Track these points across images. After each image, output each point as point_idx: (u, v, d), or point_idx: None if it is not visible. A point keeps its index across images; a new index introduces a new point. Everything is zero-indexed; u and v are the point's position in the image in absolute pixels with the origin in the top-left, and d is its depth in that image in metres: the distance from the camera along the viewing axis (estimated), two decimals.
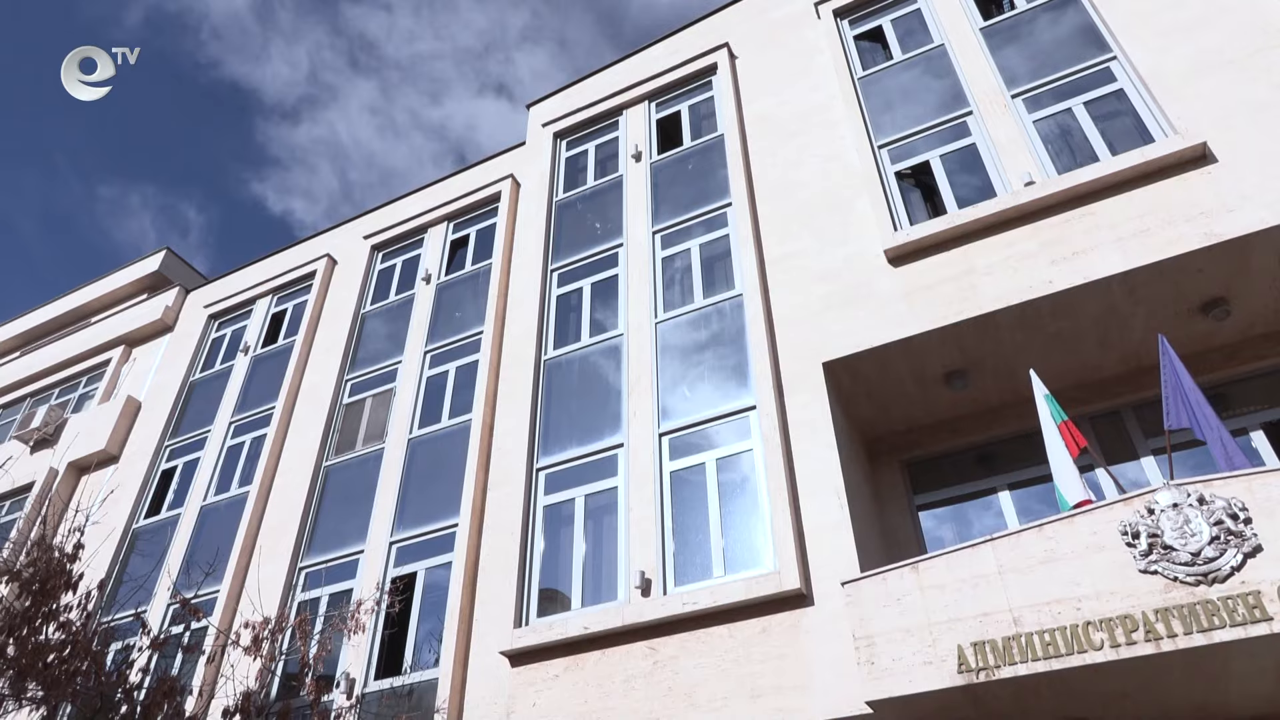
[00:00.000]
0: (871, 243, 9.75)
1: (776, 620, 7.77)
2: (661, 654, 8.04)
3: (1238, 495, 6.15)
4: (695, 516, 8.88)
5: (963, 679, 6.36)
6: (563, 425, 10.49)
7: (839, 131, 11.18)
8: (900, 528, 9.43)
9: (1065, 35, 10.48)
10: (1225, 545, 5.99)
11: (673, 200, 12.06)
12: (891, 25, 12.18)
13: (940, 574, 6.86)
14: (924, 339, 8.88)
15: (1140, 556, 6.20)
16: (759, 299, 9.95)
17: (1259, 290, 8.32)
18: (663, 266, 11.37)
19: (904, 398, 9.56)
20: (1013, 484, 9.30)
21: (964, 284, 8.89)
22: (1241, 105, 8.64)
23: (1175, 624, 5.89)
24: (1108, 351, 8.94)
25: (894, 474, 9.82)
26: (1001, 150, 9.72)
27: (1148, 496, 6.43)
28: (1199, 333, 8.63)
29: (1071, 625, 6.20)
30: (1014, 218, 9.03)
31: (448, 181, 16.11)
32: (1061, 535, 6.58)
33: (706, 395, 9.71)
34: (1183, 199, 8.31)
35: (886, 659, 6.69)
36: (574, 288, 12.00)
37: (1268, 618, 5.66)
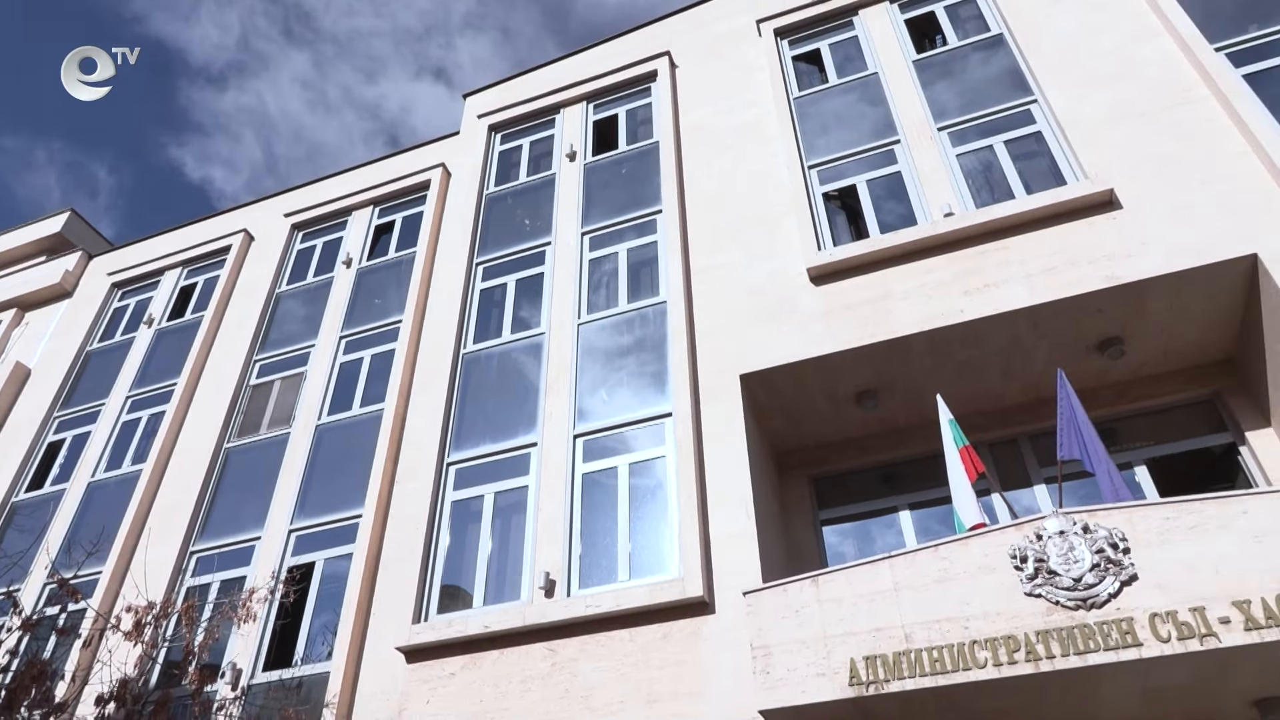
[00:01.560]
0: (795, 260, 9.93)
1: (677, 627, 7.82)
2: (561, 656, 8.00)
3: (1119, 526, 6.45)
4: (604, 520, 8.87)
5: (853, 691, 6.51)
6: (477, 421, 10.36)
7: (772, 148, 11.36)
8: (804, 541, 9.61)
9: (992, 75, 10.88)
10: (1105, 573, 6.27)
11: (604, 203, 12.06)
12: (829, 49, 12.45)
13: (839, 588, 7.00)
14: (839, 358, 9.08)
15: (1027, 580, 6.45)
16: (683, 307, 10.02)
17: (1152, 333, 8.77)
18: (590, 268, 11.35)
19: (816, 414, 9.75)
20: (914, 504, 9.57)
21: (881, 307, 9.12)
22: (1149, 157, 9.10)
23: (1054, 646, 6.14)
24: (1010, 381, 9.29)
25: (801, 488, 10.00)
26: (925, 180, 10.02)
27: (1037, 523, 6.70)
28: (1095, 369, 9.04)
29: (959, 643, 6.40)
30: (932, 246, 9.32)
31: (377, 165, 15.77)
32: (955, 556, 6.80)
33: (624, 399, 9.73)
34: (1089, 241, 8.71)
35: (781, 669, 6.79)
36: (499, 283, 11.88)
37: (1138, 644, 5.95)
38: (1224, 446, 8.91)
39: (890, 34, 11.97)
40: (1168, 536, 6.31)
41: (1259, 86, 9.20)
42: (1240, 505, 6.32)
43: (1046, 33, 10.80)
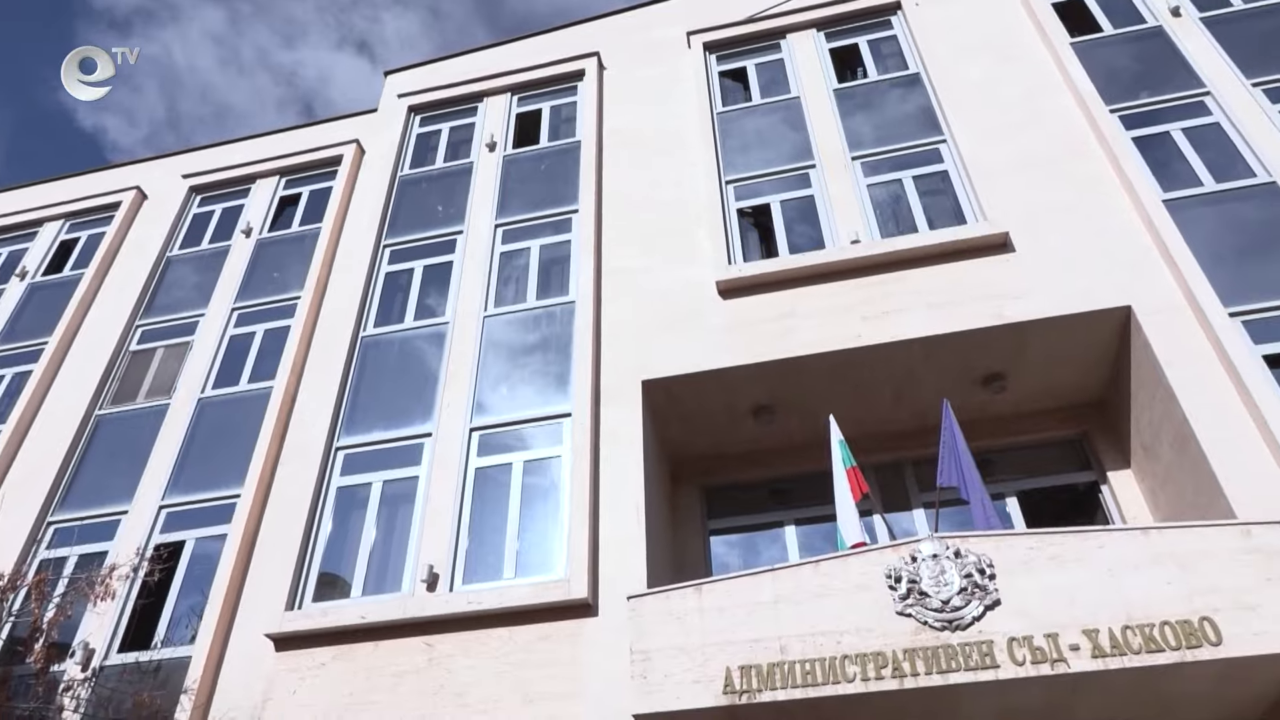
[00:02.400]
0: (705, 272, 10.06)
1: (559, 628, 7.80)
2: (438, 651, 7.87)
3: (988, 553, 6.78)
4: (494, 516, 8.78)
5: (727, 700, 6.62)
6: (371, 406, 10.11)
7: (692, 160, 11.49)
8: (691, 549, 9.73)
9: (907, 112, 11.29)
10: (971, 596, 6.58)
11: (521, 197, 11.96)
12: (756, 69, 12.68)
13: (721, 598, 7.12)
14: (740, 372, 9.24)
15: (899, 600, 6.70)
16: (590, 308, 10.02)
17: (1033, 371, 9.25)
18: (501, 261, 11.23)
19: (714, 425, 9.89)
20: (800, 519, 9.81)
21: (784, 326, 9.34)
22: (1043, 205, 9.61)
23: (919, 664, 6.40)
24: (900, 407, 9.64)
25: (693, 497, 10.13)
26: (836, 206, 10.31)
27: (913, 545, 6.97)
28: (978, 402, 9.47)
29: (831, 657, 6.60)
30: (837, 271, 9.59)
31: (288, 134, 15.21)
32: (835, 573, 7.00)
33: (525, 396, 9.66)
34: (982, 279, 9.13)
35: (659, 675, 6.85)
36: (405, 267, 11.63)
37: (995, 665, 6.26)
38: (1088, 484, 9.48)
39: (815, 61, 12.28)
40: (1030, 565, 6.66)
41: (1145, 149, 9.84)
42: (1098, 540, 6.73)
43: (959, 77, 11.29)
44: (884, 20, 12.64)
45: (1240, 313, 8.18)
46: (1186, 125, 9.99)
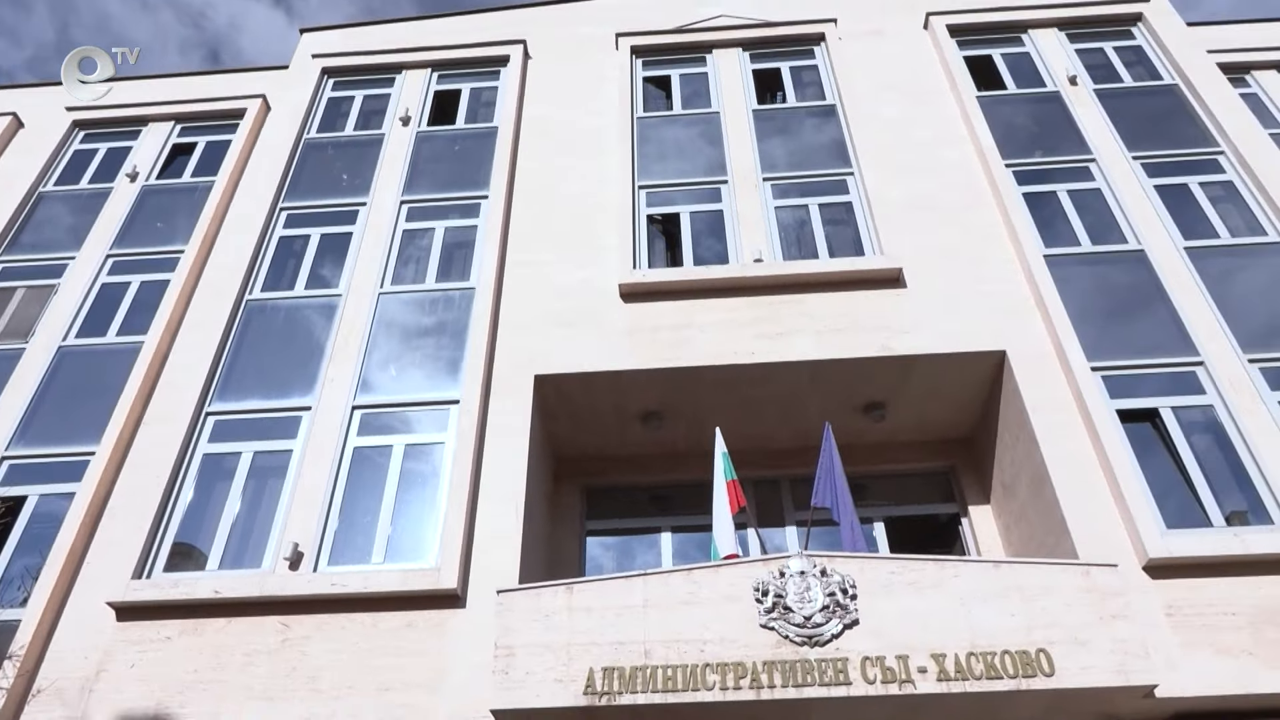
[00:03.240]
0: (610, 274, 10.08)
1: (424, 617, 7.65)
2: (294, 632, 7.59)
3: (852, 573, 7.03)
4: (368, 498, 8.54)
5: (586, 700, 6.64)
6: (249, 373, 9.69)
7: (608, 160, 11.50)
8: (566, 548, 9.71)
9: (821, 142, 11.62)
10: (832, 615, 6.81)
11: (430, 176, 11.71)
12: (680, 79, 12.81)
13: (591, 598, 7.13)
14: (634, 376, 9.30)
15: (764, 613, 6.88)
16: (490, 297, 9.89)
17: (911, 404, 9.66)
18: (403, 239, 10.96)
19: (601, 426, 9.91)
20: (677, 527, 9.94)
21: (681, 335, 9.45)
22: (937, 245, 10.05)
23: (777, 676, 6.58)
24: (784, 426, 9.89)
25: (573, 496, 10.12)
26: (743, 224, 10.51)
27: (783, 561, 7.16)
28: (857, 428, 9.81)
29: (693, 664, 6.70)
30: (738, 287, 9.77)
31: (190, 79, 14.44)
32: (705, 582, 7.12)
33: (413, 379, 9.44)
34: (873, 311, 9.48)
35: (521, 671, 6.81)
36: (302, 233, 11.21)
37: (848, 682, 6.51)
38: (950, 516, 9.96)
39: (737, 79, 12.49)
40: (890, 589, 6.95)
41: (1033, 206, 10.43)
42: (953, 569, 7.07)
43: (872, 115, 11.70)
44: (808, 49, 12.98)
45: (1101, 368, 8.76)
46: (1072, 188, 10.64)
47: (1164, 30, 12.38)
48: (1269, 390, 8.53)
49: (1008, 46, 12.72)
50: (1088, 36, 12.70)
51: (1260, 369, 8.69)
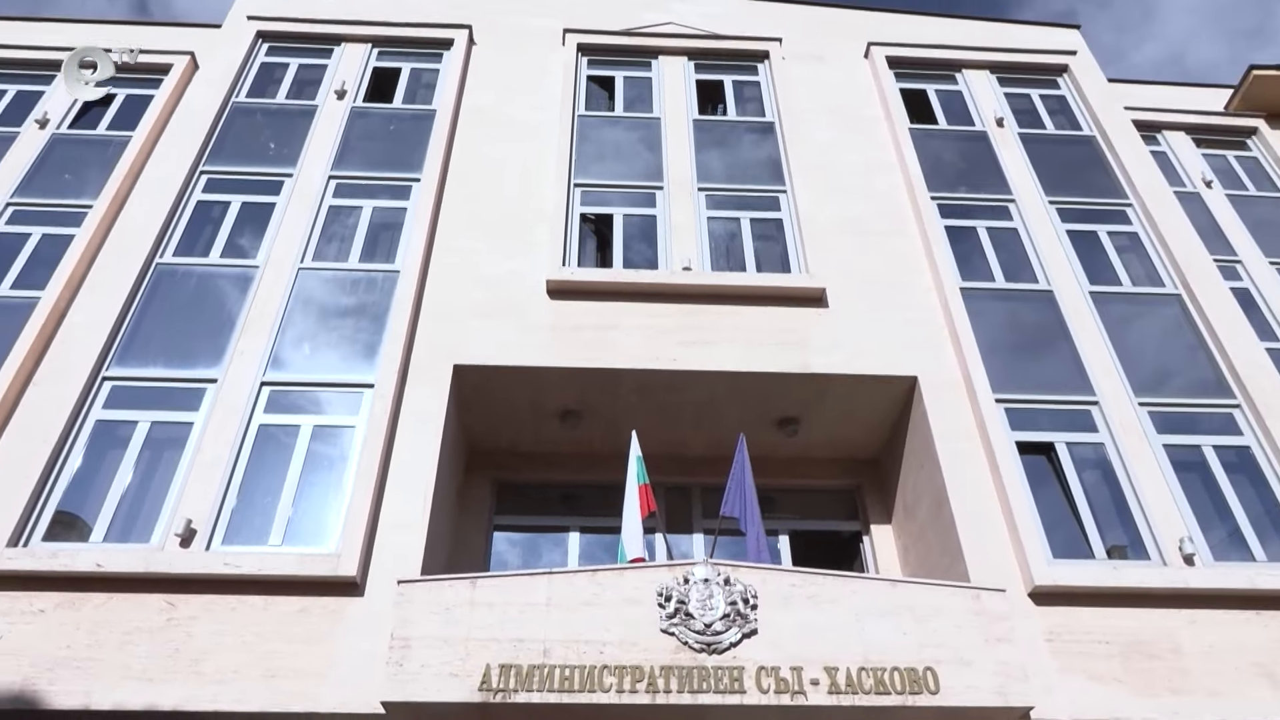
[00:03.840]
0: (538, 269, 10.02)
1: (320, 604, 7.44)
2: (180, 612, 7.30)
3: (754, 584, 7.14)
4: (271, 478, 8.28)
5: (481, 696, 6.57)
6: (153, 339, 9.28)
7: (545, 155, 11.43)
8: (473, 542, 9.59)
9: (757, 157, 11.79)
10: (732, 623, 6.90)
11: (362, 153, 11.44)
12: (624, 82, 12.83)
13: (494, 594, 7.07)
14: (555, 374, 9.26)
15: (665, 618, 6.93)
16: (414, 282, 9.72)
17: (824, 422, 9.88)
18: (329, 215, 10.68)
19: (518, 422, 9.84)
20: (586, 527, 9.92)
21: (605, 336, 9.45)
22: (861, 269, 10.31)
23: (673, 682, 6.63)
24: (699, 435, 9.99)
25: (483, 489, 10.01)
26: (675, 231, 10.58)
27: (688, 568, 7.23)
28: (771, 441, 9.98)
29: (592, 666, 6.70)
30: (665, 293, 9.83)
31: (113, 27, 13.74)
32: (610, 584, 7.14)
33: (328, 359, 9.20)
34: (795, 328, 9.66)
35: (416, 664, 6.70)
36: (222, 199, 10.81)
37: (742, 691, 6.60)
38: (852, 533, 10.21)
39: (680, 88, 12.59)
40: (790, 601, 7.09)
41: (954, 239, 10.80)
42: (852, 586, 7.26)
43: (808, 136, 11.94)
44: (751, 66, 13.17)
45: (1004, 400, 9.12)
46: (991, 225, 11.05)
47: (1087, 84, 12.98)
48: (1155, 433, 9.02)
49: (942, 84, 13.15)
50: (1017, 82, 13.23)
51: (1149, 412, 9.19)
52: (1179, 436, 9.05)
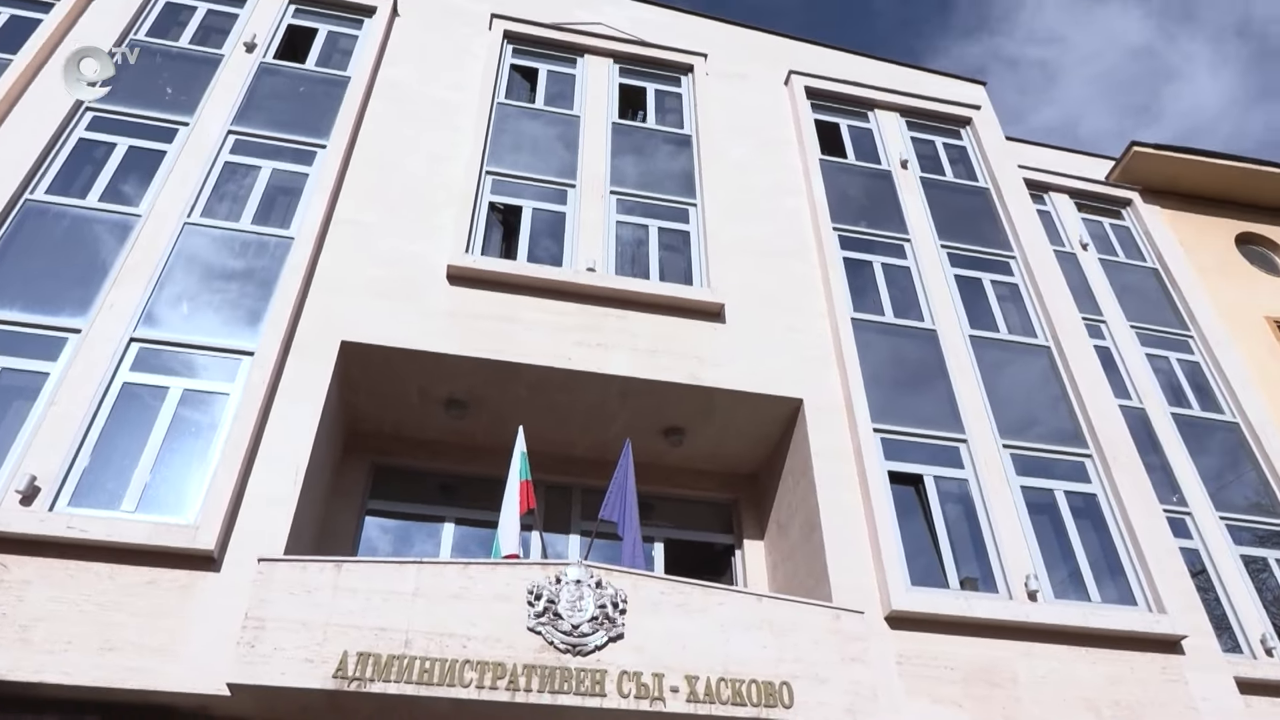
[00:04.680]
0: (441, 252, 9.83)
1: (171, 576, 7.07)
2: (13, 575, 6.79)
3: (625, 589, 7.19)
4: (131, 440, 7.81)
5: (335, 684, 6.38)
6: (14, 281, 8.63)
7: (459, 138, 11.23)
8: (342, 525, 9.31)
9: (671, 168, 11.91)
10: (599, 626, 6.93)
11: (267, 111, 10.96)
12: (547, 75, 12.74)
13: (360, 579, 6.88)
14: (448, 361, 9.10)
15: (534, 616, 6.89)
16: (309, 251, 9.37)
17: (708, 435, 10.04)
18: (224, 171, 10.18)
19: (403, 406, 9.62)
20: (462, 519, 9.78)
21: (504, 328, 9.35)
22: (760, 289, 10.54)
23: (535, 681, 6.61)
24: (586, 436, 9.99)
25: (360, 472, 9.73)
26: (583, 231, 10.57)
27: (561, 568, 7.22)
28: (656, 449, 10.08)
29: (453, 660, 6.60)
30: (567, 292, 9.81)
31: None
32: (481, 578, 7.05)
33: (207, 321, 8.76)
34: (691, 340, 9.79)
35: (269, 646, 6.45)
36: (108, 139, 10.16)
37: (603, 694, 6.64)
38: (725, 546, 10.41)
39: (603, 88, 12.59)
40: (659, 608, 7.17)
41: (850, 270, 11.18)
42: (719, 597, 7.40)
43: (723, 154, 12.14)
44: (675, 77, 13.29)
45: (881, 429, 9.49)
46: (886, 261, 11.49)
47: (987, 138, 13.67)
48: (1014, 474, 9.56)
49: (854, 120, 13.60)
50: (923, 128, 13.81)
51: (1011, 454, 9.73)
52: (1035, 479, 9.62)
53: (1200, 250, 14.72)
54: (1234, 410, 12.41)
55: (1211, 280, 14.20)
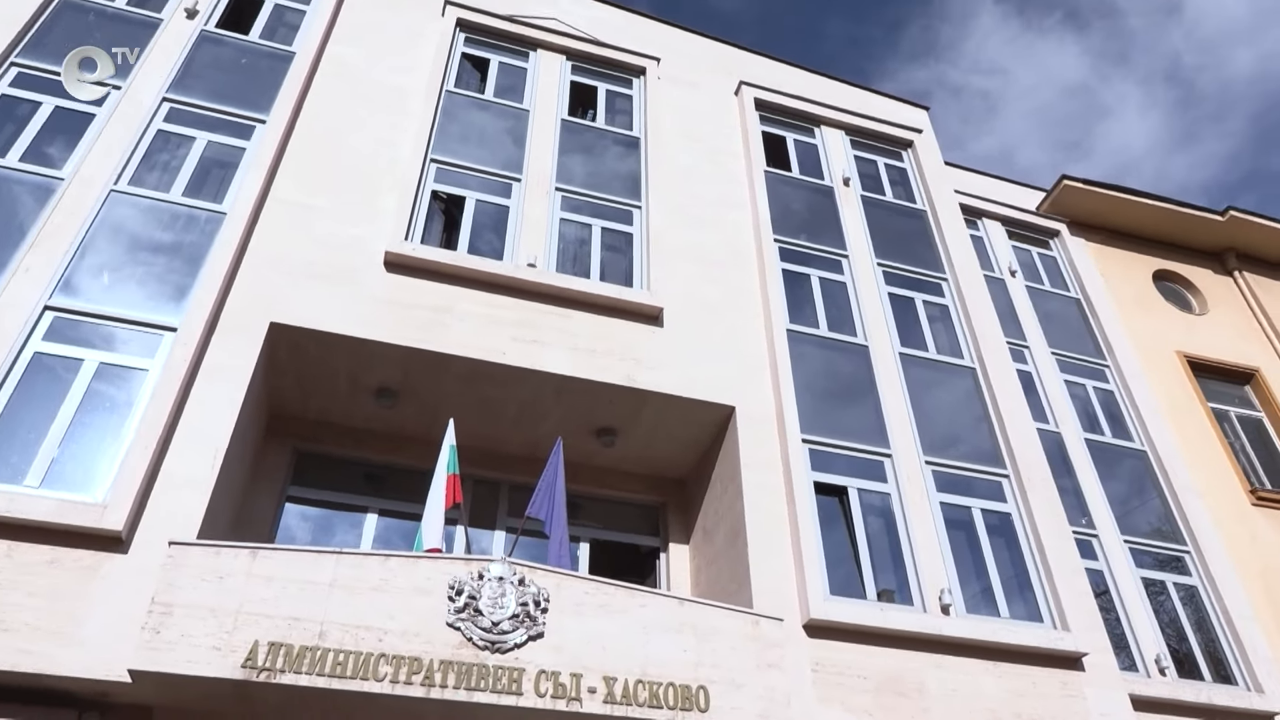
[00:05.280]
0: (379, 238, 9.66)
1: (75, 556, 6.79)
2: None
3: (548, 587, 7.16)
4: (39, 412, 7.48)
5: (243, 674, 6.21)
6: None
7: (404, 122, 11.05)
8: (262, 510, 9.07)
9: (618, 170, 11.91)
10: (520, 624, 6.88)
11: (206, 81, 10.62)
12: (498, 67, 12.62)
13: (275, 567, 6.71)
14: (381, 349, 8.94)
15: (454, 612, 6.81)
16: (241, 228, 9.10)
17: (640, 437, 10.07)
18: (157, 139, 9.83)
19: (331, 392, 9.42)
20: (385, 510, 9.62)
21: (439, 319, 9.23)
22: (699, 296, 10.62)
23: (451, 677, 6.53)
24: (518, 432, 9.93)
25: (282, 457, 9.49)
26: (526, 226, 10.50)
27: (484, 564, 7.15)
28: (587, 449, 10.06)
29: (369, 653, 6.49)
30: (506, 286, 9.73)
31: None
32: (401, 571, 6.94)
33: (129, 293, 8.44)
34: (628, 342, 9.81)
35: (175, 632, 6.24)
36: (32, 97, 9.71)
37: (520, 693, 6.59)
38: (651, 549, 10.45)
39: (554, 85, 12.53)
40: (581, 608, 7.15)
41: (789, 282, 11.34)
42: (642, 600, 7.42)
43: (671, 159, 12.19)
44: (627, 79, 13.30)
45: (810, 440, 9.65)
46: (823, 276, 11.69)
47: (926, 162, 14.01)
48: (935, 490, 9.82)
49: (801, 135, 13.80)
50: (867, 147, 14.09)
51: (933, 471, 9.99)
52: (954, 496, 9.90)
53: (1120, 284, 15.33)
54: (1143, 439, 12.94)
55: (1129, 313, 14.79)
